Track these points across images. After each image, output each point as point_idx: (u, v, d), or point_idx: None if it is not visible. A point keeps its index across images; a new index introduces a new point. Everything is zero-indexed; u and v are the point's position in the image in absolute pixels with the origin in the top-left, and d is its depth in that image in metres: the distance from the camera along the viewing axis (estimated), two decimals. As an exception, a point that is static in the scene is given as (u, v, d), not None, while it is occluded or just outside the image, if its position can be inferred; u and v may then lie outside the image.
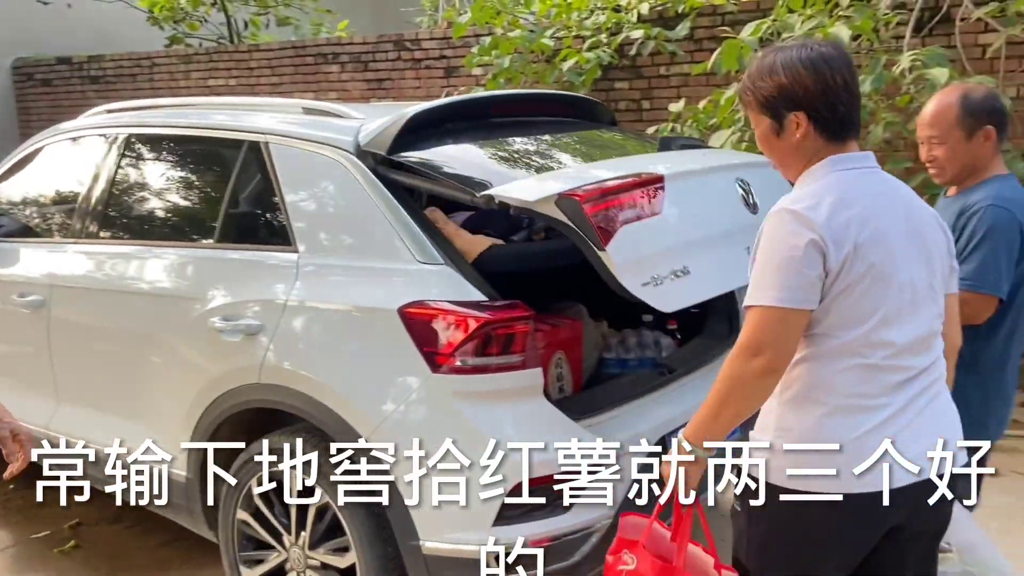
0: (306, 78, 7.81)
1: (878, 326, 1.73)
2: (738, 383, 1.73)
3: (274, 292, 2.66)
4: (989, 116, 2.39)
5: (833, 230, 1.69)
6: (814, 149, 1.79)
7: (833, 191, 1.74)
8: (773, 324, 1.69)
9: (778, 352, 1.70)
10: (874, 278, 1.72)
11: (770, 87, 1.76)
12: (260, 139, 2.87)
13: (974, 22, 4.97)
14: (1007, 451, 4.44)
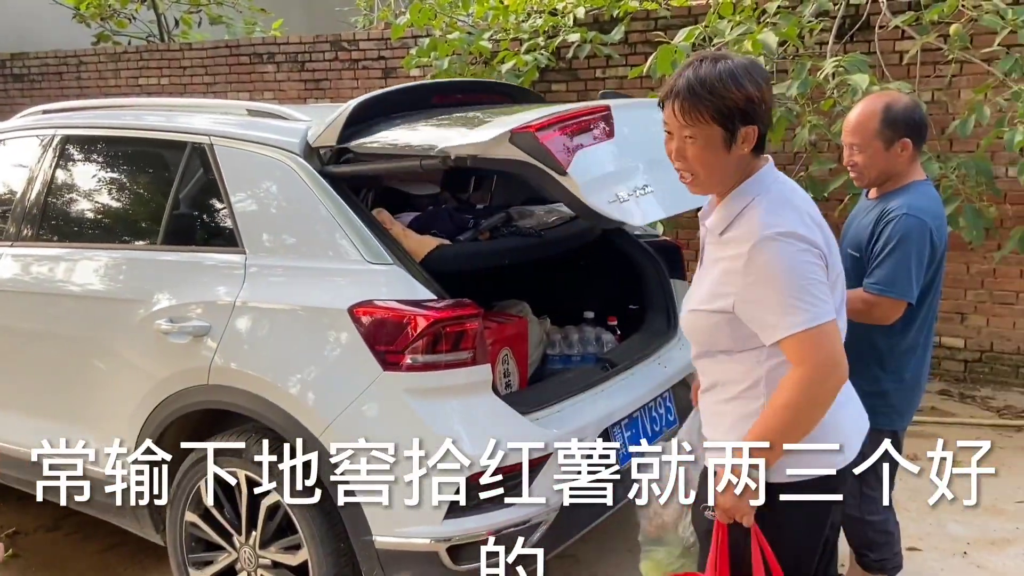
0: (241, 78, 7.72)
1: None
2: (821, 402, 1.76)
3: (221, 293, 2.67)
4: (907, 128, 2.49)
5: (820, 243, 1.77)
6: (746, 163, 1.82)
7: (793, 204, 1.80)
8: (830, 337, 1.74)
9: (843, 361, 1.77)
10: (836, 278, 1.83)
11: (737, 98, 1.73)
12: (204, 141, 2.87)
13: (892, 29, 5.23)
14: (926, 437, 4.67)
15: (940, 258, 2.54)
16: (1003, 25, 4.16)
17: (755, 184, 1.82)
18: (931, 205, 2.52)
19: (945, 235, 2.54)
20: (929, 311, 2.58)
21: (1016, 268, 5.38)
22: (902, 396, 2.60)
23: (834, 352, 1.73)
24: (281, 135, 2.75)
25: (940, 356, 5.70)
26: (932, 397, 5.29)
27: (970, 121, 4.22)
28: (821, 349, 1.71)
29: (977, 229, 4.18)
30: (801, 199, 1.83)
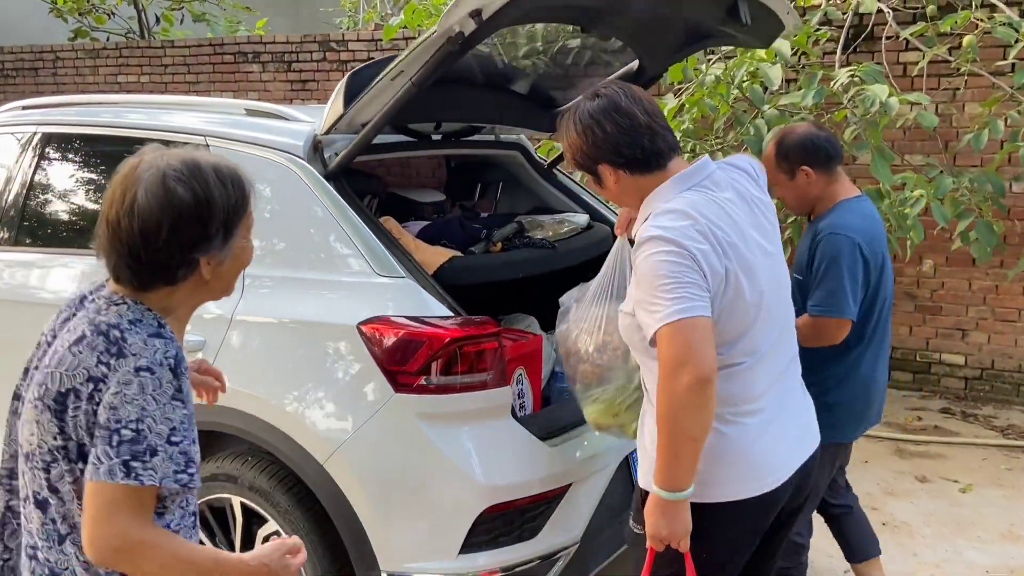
0: (224, 77, 7.51)
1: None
2: (680, 402, 1.74)
3: (217, 305, 2.47)
4: (803, 156, 2.57)
5: (697, 249, 1.77)
6: (637, 184, 1.88)
7: (686, 213, 1.79)
8: (682, 334, 1.74)
9: (696, 358, 1.75)
10: (742, 292, 1.84)
11: (567, 146, 1.92)
12: (199, 141, 2.68)
13: (896, 41, 5.15)
14: (933, 457, 4.59)
15: (881, 272, 2.56)
16: (1017, 37, 4.07)
17: (653, 200, 1.87)
18: (858, 221, 2.53)
19: (881, 249, 2.56)
20: (878, 324, 2.60)
21: (1019, 285, 5.31)
22: (847, 412, 2.62)
23: (683, 349, 1.68)
24: (283, 136, 2.57)
25: (940, 373, 5.62)
26: (934, 415, 5.20)
27: (983, 135, 4.13)
28: (671, 346, 1.69)
29: (990, 246, 4.08)
30: (706, 209, 1.81)
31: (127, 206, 1.37)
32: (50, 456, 1.40)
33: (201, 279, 1.44)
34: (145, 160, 1.41)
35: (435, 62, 2.22)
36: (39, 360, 1.48)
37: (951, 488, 4.17)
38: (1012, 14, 4.29)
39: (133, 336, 1.38)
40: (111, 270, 1.42)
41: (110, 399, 1.34)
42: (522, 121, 3.40)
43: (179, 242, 1.38)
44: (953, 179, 4.07)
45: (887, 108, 3.70)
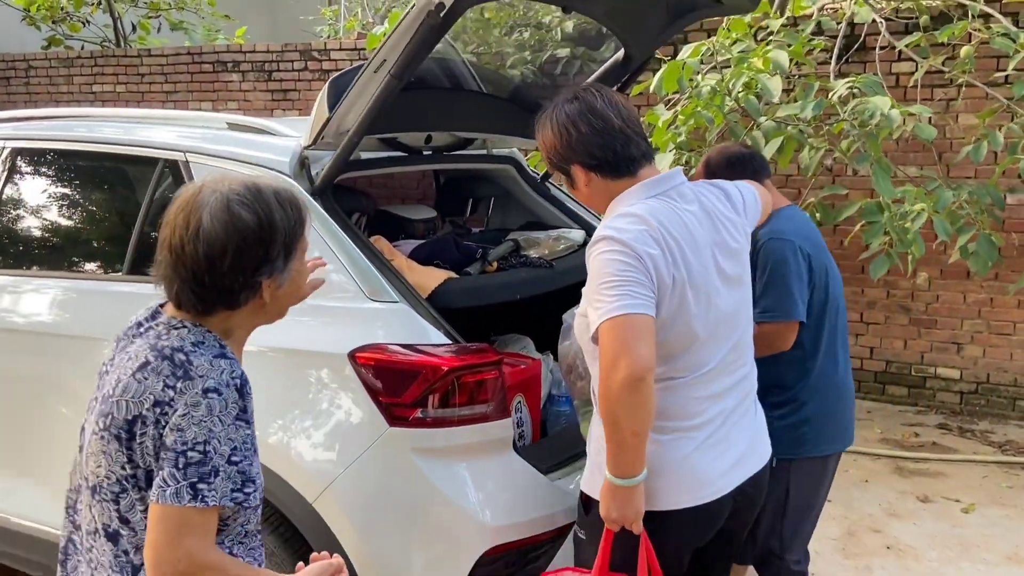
0: (203, 87, 7.34)
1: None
2: (616, 397, 1.76)
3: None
4: (728, 171, 2.53)
5: (644, 251, 1.80)
6: (605, 188, 1.91)
7: (641, 217, 1.83)
8: (617, 331, 1.76)
9: (629, 354, 1.76)
10: (693, 293, 1.88)
11: (542, 147, 1.96)
12: (179, 157, 2.53)
13: (888, 51, 5.08)
14: (933, 475, 4.50)
15: (826, 274, 2.56)
16: (1016, 48, 4.00)
17: (617, 204, 1.89)
18: (793, 226, 2.56)
19: (821, 253, 2.57)
20: (834, 329, 2.59)
21: (1014, 298, 5.25)
22: (824, 421, 2.58)
23: (620, 344, 1.70)
24: (268, 152, 2.42)
25: (935, 387, 5.54)
26: (931, 431, 5.12)
27: (983, 147, 4.06)
28: (609, 341, 1.71)
29: (991, 260, 4.00)
30: (664, 217, 1.83)
31: (192, 231, 1.37)
32: (119, 487, 1.40)
33: (260, 302, 1.45)
34: (207, 186, 1.42)
35: (417, 42, 2.09)
36: (99, 391, 1.48)
37: (953, 508, 4.08)
38: (1009, 24, 4.23)
39: (198, 358, 1.39)
40: (172, 295, 1.43)
41: (177, 421, 1.34)
42: (514, 129, 3.28)
43: (243, 265, 1.39)
44: (953, 192, 3.99)
45: (889, 120, 3.61)
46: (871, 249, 3.93)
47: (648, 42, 3.02)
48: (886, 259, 3.89)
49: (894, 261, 3.92)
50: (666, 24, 2.92)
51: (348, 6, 10.43)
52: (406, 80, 2.22)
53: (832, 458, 2.68)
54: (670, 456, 1.86)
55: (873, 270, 3.92)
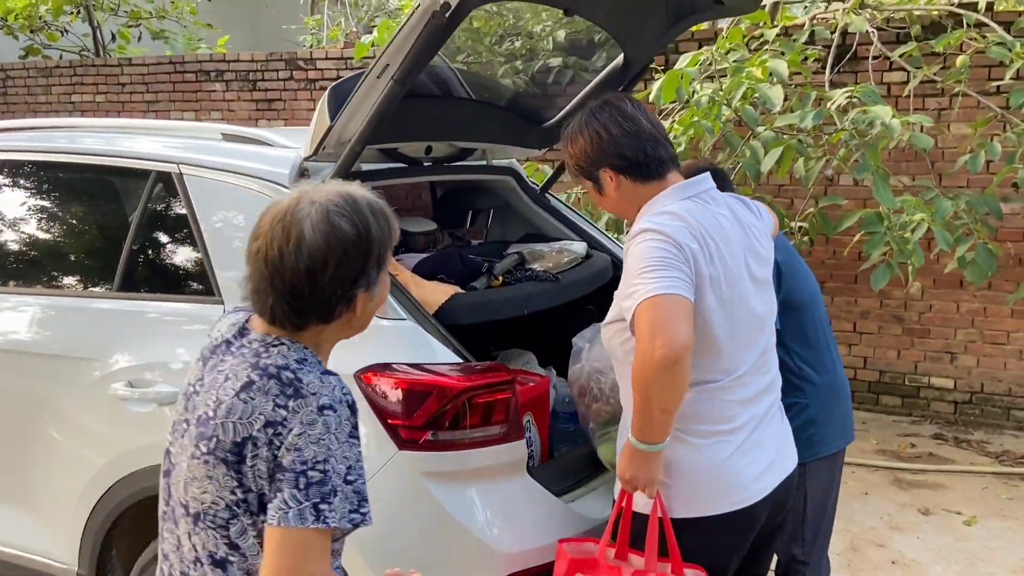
0: (186, 96, 7.22)
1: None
2: (651, 376, 1.75)
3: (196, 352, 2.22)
4: None
5: (685, 243, 1.82)
6: (633, 193, 1.93)
7: (677, 215, 1.85)
8: (657, 310, 1.77)
9: (667, 331, 1.76)
10: (728, 293, 1.91)
11: (571, 153, 1.98)
12: (172, 168, 2.43)
13: (881, 60, 5.07)
14: (932, 487, 4.46)
15: (798, 275, 2.54)
16: (1012, 57, 3.99)
17: (651, 206, 1.90)
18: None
19: (790, 256, 2.54)
20: (822, 326, 2.58)
21: (1007, 307, 5.24)
22: (829, 421, 2.56)
23: (658, 322, 1.69)
24: (266, 164, 2.33)
25: (929, 397, 5.52)
26: (927, 442, 5.09)
27: (980, 157, 4.04)
28: (648, 318, 1.70)
29: (990, 270, 3.98)
30: (702, 217, 1.85)
31: (294, 243, 1.33)
32: (228, 512, 1.35)
33: (351, 316, 1.41)
34: (304, 196, 1.38)
35: (422, 44, 2.03)
36: (189, 413, 1.42)
37: (955, 520, 4.04)
38: (1004, 33, 4.22)
39: (306, 375, 1.35)
40: (266, 310, 1.38)
41: (294, 440, 1.29)
42: (513, 139, 3.22)
43: (342, 278, 1.36)
44: (951, 201, 3.96)
45: (890, 130, 3.58)
46: (872, 260, 3.90)
47: (647, 46, 2.98)
48: (887, 270, 3.85)
49: (895, 272, 3.88)
50: (666, 28, 2.89)
51: (331, 15, 10.35)
52: (410, 85, 2.15)
53: (840, 454, 2.66)
54: (708, 460, 1.87)
55: (874, 281, 3.88)
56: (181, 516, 1.40)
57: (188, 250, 2.40)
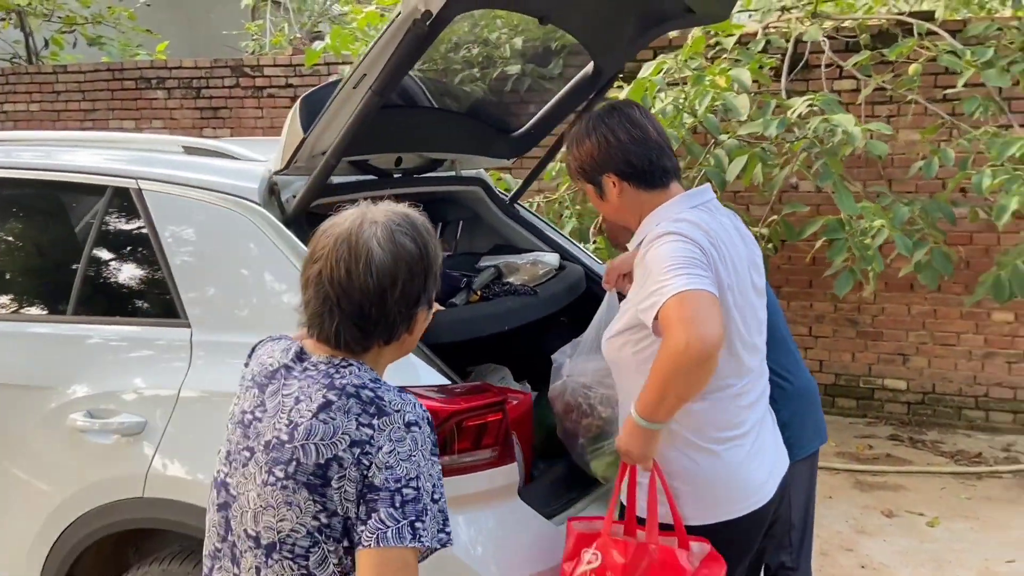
0: (125, 104, 6.96)
1: None
2: (681, 367, 1.74)
3: (161, 379, 2.10)
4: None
5: (706, 246, 1.86)
6: (636, 199, 1.94)
7: (691, 221, 1.87)
8: (690, 303, 1.75)
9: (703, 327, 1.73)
10: (738, 299, 1.95)
11: (576, 155, 1.97)
12: (130, 184, 2.29)
13: (831, 68, 5.15)
14: (893, 488, 4.52)
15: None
16: (963, 66, 4.07)
17: (658, 215, 1.91)
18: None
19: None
20: (781, 330, 2.56)
21: (956, 309, 5.36)
22: (801, 425, 2.54)
23: (691, 314, 1.66)
24: (234, 178, 2.21)
25: (883, 399, 5.61)
26: (884, 443, 5.17)
27: (934, 163, 4.11)
28: (679, 310, 1.67)
29: (947, 273, 4.05)
30: (713, 226, 1.86)
31: (364, 262, 1.32)
32: (309, 540, 1.30)
33: (408, 335, 1.41)
34: (366, 216, 1.37)
35: (402, 54, 1.95)
36: (252, 440, 1.37)
37: (919, 522, 4.10)
38: (954, 42, 4.31)
39: (386, 393, 1.34)
40: (330, 334, 1.36)
41: (384, 459, 1.28)
42: (482, 148, 3.15)
43: (408, 296, 1.37)
44: (907, 207, 4.03)
45: (851, 138, 3.62)
46: (834, 266, 3.93)
47: (618, 55, 2.95)
48: (850, 275, 3.89)
49: (857, 277, 3.92)
50: (636, 36, 2.86)
51: (274, 21, 10.13)
52: (388, 95, 2.07)
53: (815, 455, 2.66)
54: (726, 466, 1.88)
55: (838, 287, 3.92)
56: (248, 550, 1.34)
57: (149, 270, 2.26)
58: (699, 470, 1.87)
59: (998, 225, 3.71)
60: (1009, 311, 5.21)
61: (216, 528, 1.41)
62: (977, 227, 5.12)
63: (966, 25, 4.80)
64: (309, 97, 2.22)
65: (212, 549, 1.41)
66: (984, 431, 5.35)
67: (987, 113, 4.13)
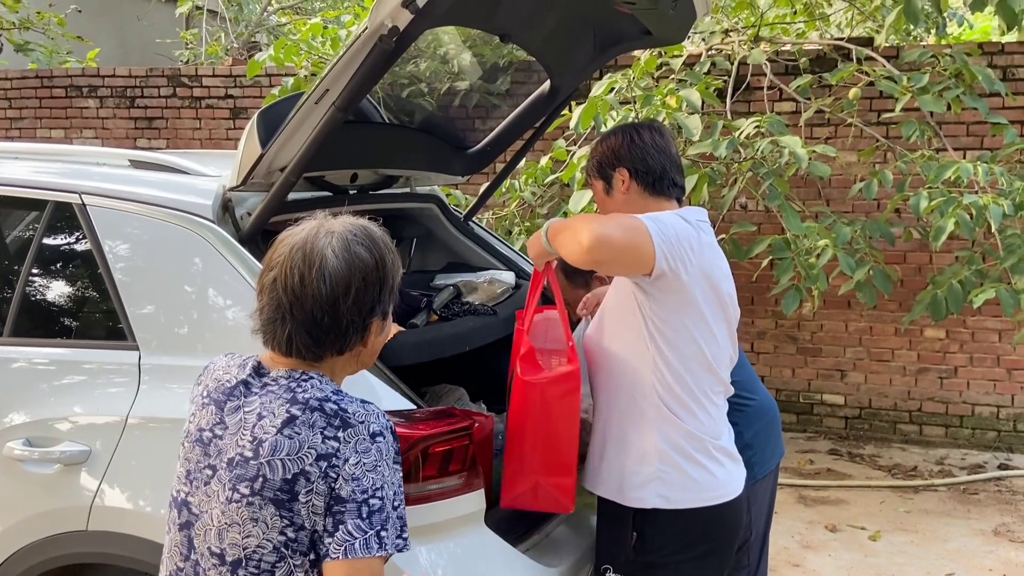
0: (54, 113, 6.70)
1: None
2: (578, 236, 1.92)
3: (107, 405, 1.99)
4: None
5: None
6: (638, 203, 2.08)
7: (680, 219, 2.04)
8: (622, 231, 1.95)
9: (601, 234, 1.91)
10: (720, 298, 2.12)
11: (601, 148, 2.15)
12: (72, 199, 2.18)
13: (771, 91, 5.26)
14: (835, 503, 4.61)
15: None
16: (899, 91, 4.21)
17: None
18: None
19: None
20: (740, 352, 2.63)
21: (891, 326, 5.52)
22: (764, 442, 2.60)
23: (629, 227, 1.87)
24: (186, 194, 2.12)
25: (822, 413, 5.73)
26: (823, 457, 5.27)
27: (873, 185, 4.23)
28: (624, 217, 1.91)
29: (887, 293, 4.16)
30: (691, 234, 1.96)
31: (317, 269, 1.34)
32: (275, 555, 1.31)
33: (360, 348, 1.42)
34: (321, 226, 1.40)
35: (366, 70, 1.91)
36: (213, 458, 1.36)
37: (861, 536, 4.17)
38: (892, 68, 4.45)
39: (349, 405, 1.35)
40: (281, 341, 1.37)
41: (351, 470, 1.29)
42: (438, 165, 3.12)
43: (360, 305, 1.37)
44: (848, 227, 4.12)
45: (797, 159, 3.69)
46: (781, 285, 4.00)
47: (575, 74, 2.96)
48: (796, 293, 3.95)
49: (803, 295, 3.99)
50: (593, 57, 2.87)
51: (210, 30, 9.90)
52: (351, 112, 2.02)
53: (775, 471, 2.68)
54: (713, 478, 2.01)
55: (785, 306, 3.98)
56: (212, 567, 1.33)
57: (94, 290, 2.15)
58: (685, 481, 1.97)
59: (934, 246, 3.82)
60: (941, 328, 5.38)
61: (178, 548, 1.39)
62: (910, 247, 5.29)
63: (899, 52, 4.97)
64: (267, 112, 2.15)
65: (173, 569, 1.39)
66: (918, 445, 5.50)
67: (923, 137, 4.26)
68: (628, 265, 1.90)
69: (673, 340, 1.93)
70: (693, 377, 1.96)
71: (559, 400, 1.97)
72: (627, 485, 1.97)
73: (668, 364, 1.94)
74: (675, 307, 1.92)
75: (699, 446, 1.98)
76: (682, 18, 2.62)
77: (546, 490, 1.98)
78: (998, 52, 5.20)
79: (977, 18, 7.83)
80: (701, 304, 1.94)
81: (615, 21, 2.59)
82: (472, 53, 5.32)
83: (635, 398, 1.98)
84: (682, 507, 1.95)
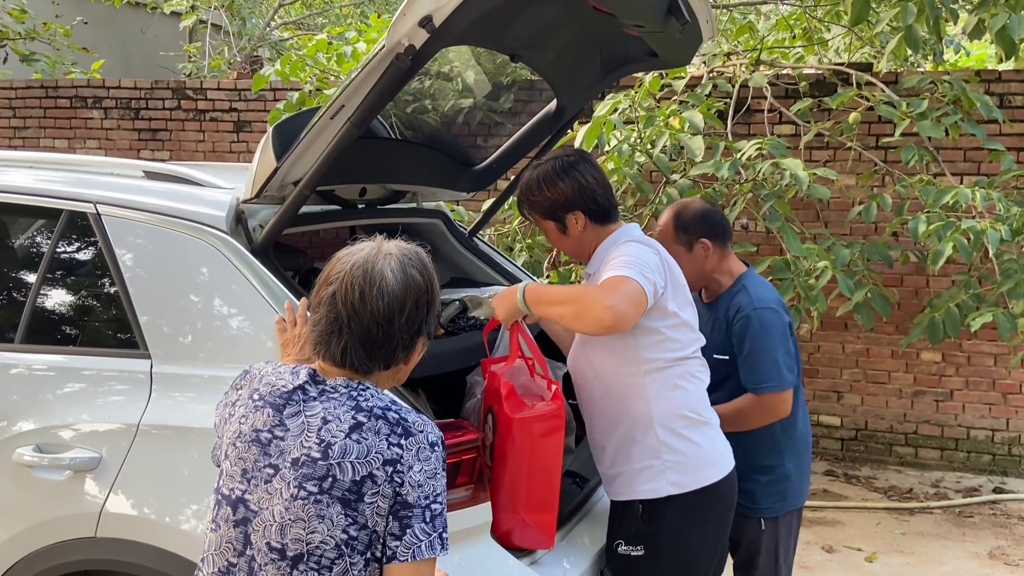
0: (58, 123, 6.73)
1: None
2: (582, 310, 2.02)
3: (118, 412, 2.01)
4: (703, 229, 2.58)
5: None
6: (595, 233, 2.24)
7: (645, 242, 2.25)
8: (623, 290, 2.06)
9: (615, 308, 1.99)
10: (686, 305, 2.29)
11: (550, 196, 2.22)
12: (87, 208, 2.21)
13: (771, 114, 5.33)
14: (831, 523, 4.62)
15: (793, 334, 2.66)
16: (899, 116, 4.26)
17: (614, 241, 2.21)
18: (768, 292, 2.62)
19: (787, 313, 2.65)
20: (799, 385, 2.69)
21: (888, 348, 5.55)
22: (800, 474, 2.67)
23: (617, 289, 1.96)
24: (201, 206, 2.15)
25: (818, 435, 5.75)
26: (820, 478, 5.29)
27: (873, 207, 4.27)
28: (610, 282, 1.99)
29: (885, 315, 4.20)
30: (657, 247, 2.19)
31: (377, 287, 1.43)
32: (336, 552, 1.38)
33: (402, 365, 1.51)
34: (379, 248, 1.49)
35: (382, 87, 1.95)
36: (274, 458, 1.42)
37: (857, 558, 4.19)
38: (891, 93, 4.51)
39: (407, 415, 1.44)
40: (336, 352, 1.45)
41: (416, 477, 1.39)
42: (445, 181, 3.16)
43: (411, 324, 1.47)
44: (847, 249, 4.17)
45: (799, 181, 3.74)
46: (781, 306, 4.03)
47: (581, 94, 3.01)
48: (795, 314, 3.99)
49: (802, 316, 4.03)
50: (599, 77, 2.92)
51: (213, 44, 9.97)
52: (366, 127, 2.06)
53: (802, 507, 2.75)
54: (708, 439, 2.19)
55: (785, 326, 4.01)
56: (269, 563, 1.39)
57: (107, 299, 2.17)
58: (687, 445, 2.14)
59: (933, 269, 3.86)
60: (937, 351, 5.42)
61: (232, 544, 1.43)
62: (907, 270, 5.34)
63: (898, 78, 5.04)
64: (282, 126, 2.19)
65: (224, 565, 1.43)
66: (914, 467, 5.53)
67: (921, 162, 4.32)
68: (639, 311, 2.04)
69: (657, 342, 2.12)
70: (679, 366, 2.16)
71: (544, 438, 2.02)
72: (637, 481, 2.15)
73: (655, 363, 2.12)
74: (654, 316, 2.10)
75: (686, 422, 2.16)
76: (688, 41, 2.67)
77: (530, 527, 2.02)
78: (995, 80, 5.28)
79: (973, 45, 7.94)
80: (672, 305, 2.14)
81: (622, 43, 2.64)
82: (476, 71, 5.38)
83: (629, 403, 2.14)
84: (690, 489, 2.14)
